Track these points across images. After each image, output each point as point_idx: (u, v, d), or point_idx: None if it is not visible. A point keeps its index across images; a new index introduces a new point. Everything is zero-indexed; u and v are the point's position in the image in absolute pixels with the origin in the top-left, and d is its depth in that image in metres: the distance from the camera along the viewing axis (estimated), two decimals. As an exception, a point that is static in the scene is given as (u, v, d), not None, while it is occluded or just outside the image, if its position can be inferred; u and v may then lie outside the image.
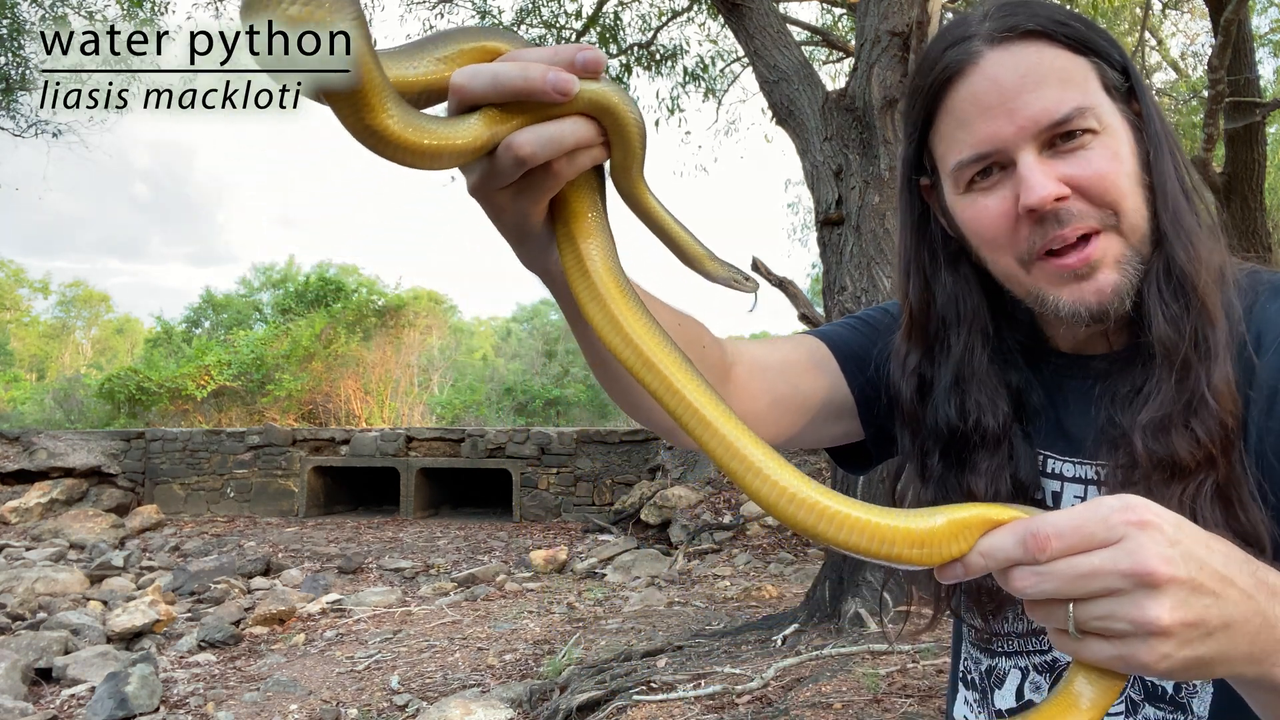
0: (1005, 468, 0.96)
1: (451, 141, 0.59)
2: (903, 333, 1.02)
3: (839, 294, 4.98)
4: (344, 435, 11.78)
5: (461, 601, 7.18)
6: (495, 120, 0.60)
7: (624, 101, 0.63)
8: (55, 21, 9.67)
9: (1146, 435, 0.85)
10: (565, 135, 0.62)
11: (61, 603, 6.97)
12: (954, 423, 0.97)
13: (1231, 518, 0.81)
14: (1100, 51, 0.87)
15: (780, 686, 3.74)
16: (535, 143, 0.61)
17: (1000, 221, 0.87)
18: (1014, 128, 0.84)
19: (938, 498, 0.97)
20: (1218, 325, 0.85)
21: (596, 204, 0.68)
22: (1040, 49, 0.85)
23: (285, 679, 5.27)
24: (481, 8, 10.14)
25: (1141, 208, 0.87)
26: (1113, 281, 0.86)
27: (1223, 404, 0.82)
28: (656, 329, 0.66)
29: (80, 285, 36.98)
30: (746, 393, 1.00)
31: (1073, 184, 0.84)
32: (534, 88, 0.59)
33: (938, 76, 0.89)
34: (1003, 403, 0.96)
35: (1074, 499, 0.96)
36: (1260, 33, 11.71)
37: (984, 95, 0.86)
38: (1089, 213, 0.85)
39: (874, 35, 4.90)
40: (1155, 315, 0.86)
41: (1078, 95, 0.84)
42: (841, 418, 1.08)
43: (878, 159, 4.89)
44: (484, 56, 0.62)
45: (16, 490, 10.79)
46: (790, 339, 1.09)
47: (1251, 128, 7.08)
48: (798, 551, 8.08)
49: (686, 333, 0.92)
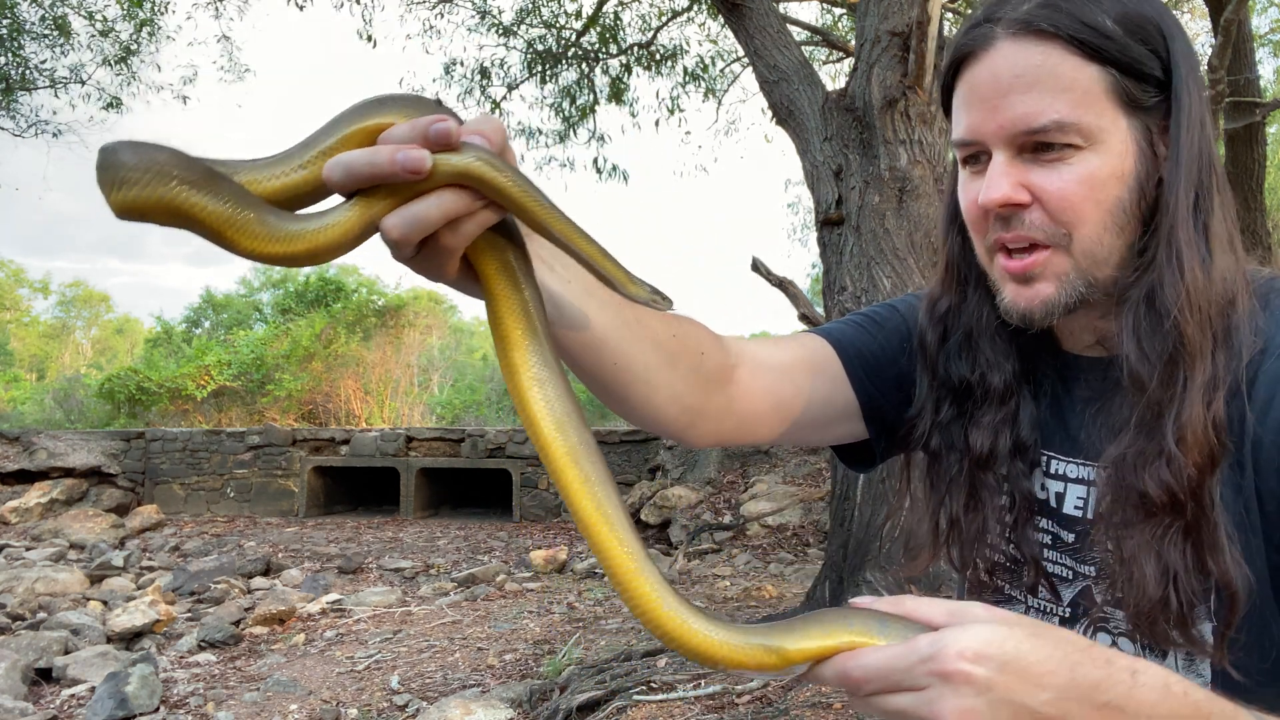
0: (1007, 425, 0.97)
1: (324, 239, 0.60)
2: (938, 282, 1.04)
3: (839, 294, 4.98)
4: (344, 435, 11.78)
5: (461, 601, 7.18)
6: (369, 204, 0.61)
7: (489, 167, 0.61)
8: (55, 21, 9.66)
9: (1115, 471, 0.85)
10: (430, 214, 0.62)
11: (61, 603, 6.97)
12: (963, 374, 0.99)
13: (1201, 560, 0.81)
14: (1124, 62, 0.84)
15: (780, 686, 3.74)
16: (400, 226, 0.61)
17: (974, 208, 0.90)
18: (994, 125, 0.85)
19: (941, 445, 1.01)
20: (1197, 362, 0.82)
21: (507, 263, 0.69)
22: (1049, 51, 0.83)
23: (285, 679, 5.27)
24: (481, 8, 10.14)
25: (1101, 234, 0.85)
26: (1045, 295, 0.87)
27: (1189, 454, 0.80)
28: (551, 403, 0.68)
29: (80, 285, 36.99)
30: (749, 394, 1.00)
31: (1035, 193, 0.85)
32: (383, 173, 0.60)
33: (957, 52, 0.90)
34: (1010, 362, 0.98)
35: (1077, 501, 0.95)
36: (1260, 33, 11.70)
37: (981, 85, 0.86)
38: (1043, 226, 0.85)
39: (874, 35, 4.90)
40: (1128, 345, 0.85)
41: (1065, 107, 0.82)
42: (845, 419, 1.08)
43: (878, 159, 4.89)
44: (368, 137, 0.63)
45: (16, 490, 10.78)
46: (794, 339, 1.09)
47: (1251, 128, 7.08)
48: (798, 552, 8.08)
49: (682, 342, 0.92)
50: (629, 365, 0.87)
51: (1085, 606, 0.95)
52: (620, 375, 0.88)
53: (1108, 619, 0.93)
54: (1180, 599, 0.81)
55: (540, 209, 0.65)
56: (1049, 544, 0.98)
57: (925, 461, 1.05)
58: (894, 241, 4.80)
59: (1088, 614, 0.95)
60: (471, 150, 0.61)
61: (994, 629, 0.63)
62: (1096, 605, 0.94)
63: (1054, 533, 0.98)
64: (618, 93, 10.52)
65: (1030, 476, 0.98)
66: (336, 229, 0.61)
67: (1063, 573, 0.97)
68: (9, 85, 10.21)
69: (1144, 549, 0.82)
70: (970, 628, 0.63)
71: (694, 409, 0.95)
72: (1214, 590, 0.82)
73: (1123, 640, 0.93)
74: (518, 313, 0.69)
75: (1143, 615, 0.83)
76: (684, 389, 0.93)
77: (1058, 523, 0.97)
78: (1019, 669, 0.62)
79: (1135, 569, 0.83)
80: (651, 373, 0.89)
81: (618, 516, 0.68)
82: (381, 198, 0.61)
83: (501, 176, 0.62)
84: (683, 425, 0.95)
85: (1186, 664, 0.88)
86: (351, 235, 0.61)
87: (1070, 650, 0.64)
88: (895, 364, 1.07)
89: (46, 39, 10.10)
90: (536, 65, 10.27)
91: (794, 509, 8.74)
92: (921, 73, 4.76)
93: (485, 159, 0.61)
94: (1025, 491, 0.97)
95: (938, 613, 0.67)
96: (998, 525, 0.97)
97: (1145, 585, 0.82)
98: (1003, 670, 0.61)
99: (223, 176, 0.58)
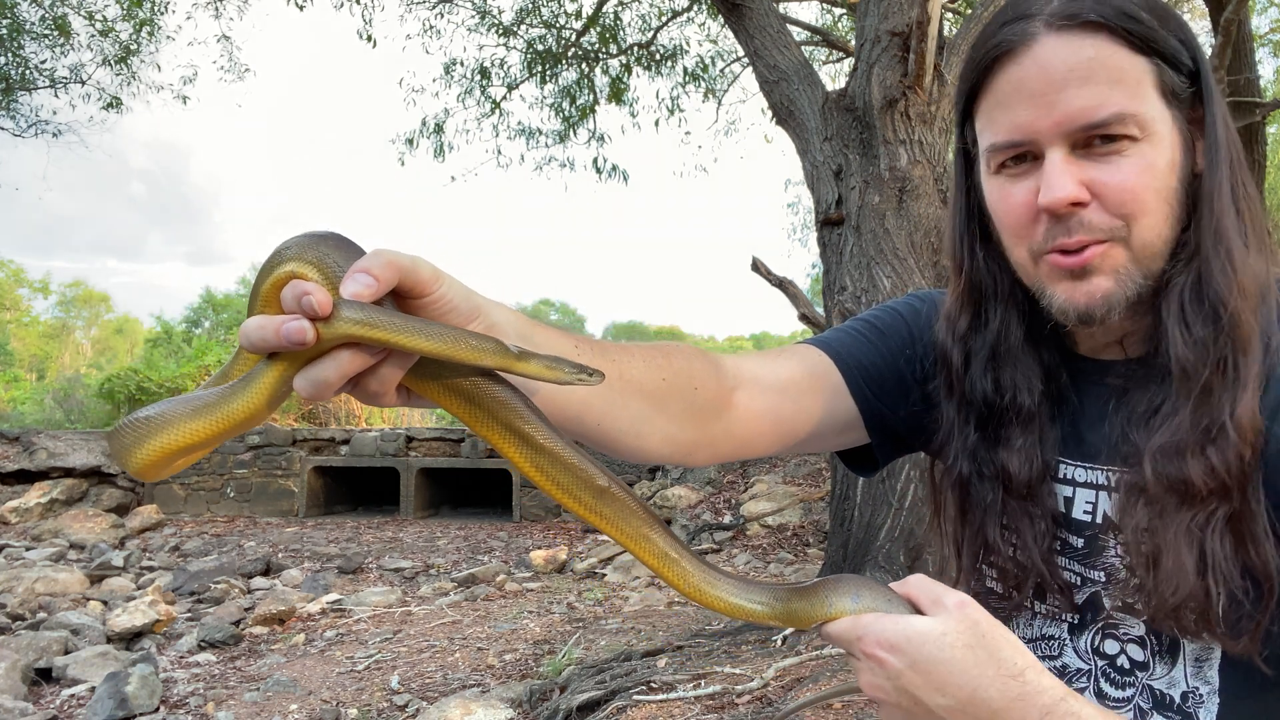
0: (1038, 448, 0.95)
1: (250, 405, 0.66)
2: (954, 299, 1.01)
3: (839, 294, 4.98)
4: (344, 435, 11.77)
5: (461, 601, 7.18)
6: (282, 364, 0.65)
7: (367, 328, 0.63)
8: (55, 21, 9.66)
9: (1158, 459, 0.83)
10: (329, 375, 0.64)
11: (61, 603, 6.97)
12: (990, 396, 0.97)
13: (1242, 551, 0.80)
14: (1165, 53, 0.83)
15: (780, 686, 3.74)
16: (307, 387, 0.64)
17: (1021, 211, 0.87)
18: (1050, 121, 0.83)
19: (971, 471, 1.00)
20: (1249, 352, 0.82)
21: (455, 385, 0.71)
22: (1098, 43, 0.82)
23: (285, 679, 5.27)
24: (481, 8, 10.13)
25: (1160, 225, 0.84)
26: (1105, 288, 0.85)
27: (1243, 436, 0.80)
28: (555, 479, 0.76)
29: (80, 285, 36.99)
30: (748, 415, 0.99)
31: (1095, 189, 0.83)
32: (273, 345, 0.62)
33: (990, 51, 0.87)
34: (1037, 381, 0.96)
35: (1085, 505, 0.95)
36: (1260, 33, 11.70)
37: (1030, 81, 0.84)
38: (1100, 223, 0.84)
39: (874, 35, 4.90)
40: (1175, 335, 0.84)
41: (1123, 99, 0.81)
42: (847, 429, 1.07)
43: (878, 159, 4.89)
44: (280, 285, 0.66)
45: (16, 490, 10.77)
46: (793, 352, 1.07)
47: (1251, 128, 7.09)
48: (798, 552, 8.08)
49: (672, 384, 0.92)
50: (614, 424, 0.88)
51: (1093, 613, 0.94)
52: (606, 433, 0.88)
53: (1117, 625, 0.92)
54: (1218, 588, 0.80)
55: (440, 347, 0.66)
56: (1058, 550, 0.97)
57: (955, 486, 1.02)
58: (894, 241, 4.80)
59: (1096, 620, 0.94)
60: (351, 311, 0.62)
61: (931, 627, 0.73)
62: (1105, 611, 0.93)
63: (1063, 538, 0.96)
64: (618, 93, 10.51)
65: (1053, 493, 0.96)
66: (258, 393, 0.66)
67: (1071, 579, 0.96)
68: (9, 85, 10.22)
69: (1183, 537, 0.81)
70: (911, 621, 0.74)
71: (689, 443, 0.95)
72: (1249, 581, 0.81)
73: (1131, 646, 0.92)
74: (486, 423, 0.73)
75: (1172, 608, 0.82)
76: (676, 429, 0.93)
77: (1067, 528, 0.96)
78: (926, 670, 0.72)
79: (1171, 559, 0.81)
80: (639, 424, 0.90)
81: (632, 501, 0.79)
82: (291, 356, 0.65)
83: (383, 333, 0.63)
84: (680, 457, 0.96)
85: (1195, 669, 0.87)
86: (269, 398, 0.66)
87: (988, 673, 0.71)
88: (896, 370, 1.06)
89: (46, 39, 10.10)
90: (536, 65, 10.26)
91: (794, 509, 8.74)
92: (921, 73, 4.75)
93: (364, 320, 0.62)
94: (1055, 512, 0.96)
95: (925, 598, 0.76)
96: (1037, 550, 0.95)
97: (1183, 574, 0.81)
98: (912, 667, 0.73)
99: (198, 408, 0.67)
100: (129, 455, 0.67)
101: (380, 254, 0.65)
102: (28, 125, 10.72)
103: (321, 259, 0.66)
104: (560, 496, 0.76)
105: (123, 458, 0.67)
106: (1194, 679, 0.87)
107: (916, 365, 1.06)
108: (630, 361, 0.89)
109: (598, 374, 0.74)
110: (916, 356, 1.06)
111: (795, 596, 0.81)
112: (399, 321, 0.64)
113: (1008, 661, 0.72)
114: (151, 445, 0.66)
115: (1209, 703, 0.87)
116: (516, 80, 10.55)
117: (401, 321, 0.64)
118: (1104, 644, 0.93)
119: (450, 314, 0.71)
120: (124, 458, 0.67)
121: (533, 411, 0.73)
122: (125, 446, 0.66)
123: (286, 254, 0.67)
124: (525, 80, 10.51)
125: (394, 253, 0.66)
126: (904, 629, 0.74)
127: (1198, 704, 0.87)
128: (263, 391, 0.65)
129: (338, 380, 0.64)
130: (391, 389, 0.69)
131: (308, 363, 0.64)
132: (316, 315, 0.61)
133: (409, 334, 0.64)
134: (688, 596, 0.81)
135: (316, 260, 0.66)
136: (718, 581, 0.81)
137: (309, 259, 0.66)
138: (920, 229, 4.80)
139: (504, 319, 0.77)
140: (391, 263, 0.65)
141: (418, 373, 0.70)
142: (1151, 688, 0.90)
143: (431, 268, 0.69)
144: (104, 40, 10.13)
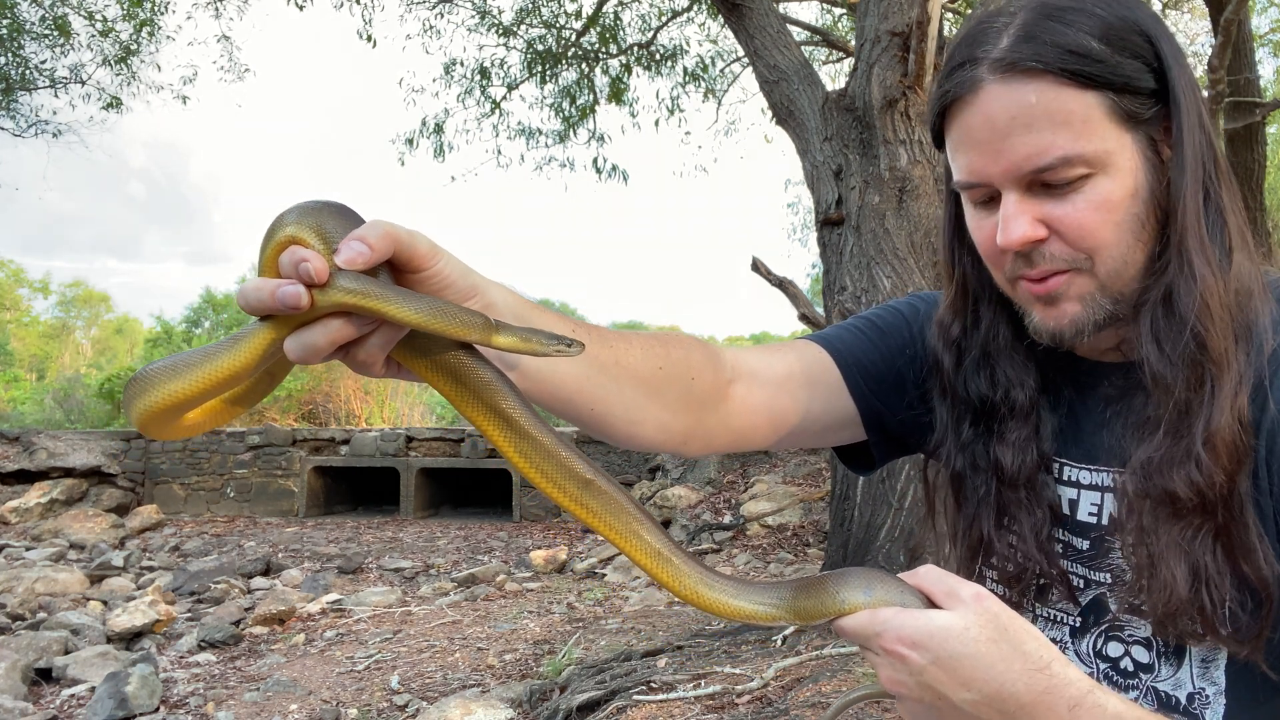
0: (1032, 440, 0.96)
1: (237, 362, 0.67)
2: (947, 302, 1.03)
3: (839, 294, 4.98)
4: (344, 435, 11.78)
5: (461, 601, 7.18)
6: (275, 326, 0.67)
7: (360, 298, 0.64)
8: (55, 21, 9.66)
9: (1138, 475, 0.85)
10: (319, 340, 0.65)
11: (61, 603, 6.97)
12: (984, 393, 0.98)
13: (1234, 563, 0.81)
14: (1118, 81, 0.82)
15: (780, 686, 3.74)
16: (296, 350, 0.65)
17: (991, 244, 0.89)
18: (999, 168, 0.84)
19: (965, 465, 1.00)
20: (1224, 366, 0.82)
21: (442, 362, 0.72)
22: (1041, 88, 0.81)
23: (285, 679, 5.27)
24: (481, 8, 10.14)
25: (1125, 252, 0.85)
26: (1072, 313, 0.87)
27: (1218, 456, 0.80)
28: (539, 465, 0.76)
29: (80, 285, 37.00)
30: (744, 409, 1.00)
31: (1052, 225, 0.84)
32: (268, 307, 0.63)
33: (943, 96, 0.88)
34: (1030, 377, 0.97)
35: (1090, 507, 0.95)
36: (1260, 33, 11.71)
37: (976, 130, 0.85)
38: (1062, 255, 0.85)
39: (874, 35, 4.90)
40: (1149, 352, 0.85)
41: (1068, 141, 0.81)
42: (844, 426, 1.07)
43: (878, 159, 4.89)
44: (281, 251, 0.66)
45: (16, 490, 10.77)
46: (792, 347, 1.07)
47: (1251, 128, 7.09)
48: (798, 552, 8.08)
49: (669, 372, 0.92)
50: (608, 409, 0.88)
51: (1098, 615, 0.94)
52: (600, 418, 0.89)
53: (1122, 627, 0.92)
54: (1212, 600, 0.81)
55: (423, 319, 0.66)
56: (1062, 552, 0.97)
57: (950, 482, 1.03)
58: (894, 241, 4.80)
59: (1101, 622, 0.94)
60: (347, 280, 0.63)
61: (953, 622, 0.71)
62: (1111, 613, 0.93)
63: (1067, 540, 0.96)
64: (617, 93, 10.51)
65: (1051, 485, 0.97)
66: (248, 350, 0.67)
67: (1076, 581, 0.96)
68: (9, 85, 10.22)
69: (1173, 550, 0.82)
70: (933, 616, 0.72)
71: (684, 432, 0.95)
72: (1247, 588, 0.81)
73: (1137, 648, 0.91)
74: (471, 403, 0.73)
75: (1169, 616, 0.83)
76: (671, 417, 0.93)
77: (1071, 530, 0.96)
78: (950, 666, 0.71)
79: (1164, 569, 0.82)
80: (634, 410, 0.90)
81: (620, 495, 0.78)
82: (283, 320, 0.66)
83: (375, 303, 0.64)
84: (674, 446, 0.96)
85: (1202, 670, 0.87)
86: (258, 356, 0.67)
87: (1014, 667, 0.70)
88: (895, 369, 1.06)
89: (46, 39, 10.10)
90: (536, 65, 10.26)
91: (794, 509, 8.74)
92: (921, 73, 4.75)
93: (358, 290, 0.64)
94: (1052, 503, 0.96)
95: (940, 590, 0.74)
96: (1034, 540, 0.96)
97: (1175, 586, 0.81)
98: (935, 663, 0.71)
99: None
100: (130, 409, 0.68)
101: (378, 224, 0.66)
102: (28, 125, 10.73)
103: (321, 225, 0.67)
104: (545, 485, 0.76)
105: (127, 412, 0.69)
106: (1200, 679, 0.87)
107: (916, 365, 1.06)
108: (628, 348, 0.89)
109: (577, 344, 0.73)
110: (916, 356, 1.06)
111: (801, 594, 0.79)
112: (389, 293, 0.65)
113: (1033, 655, 0.72)
114: (146, 399, 0.67)
115: (1215, 704, 0.87)
116: (516, 80, 10.55)
117: (393, 293, 0.65)
118: (1107, 647, 0.93)
119: (447, 290, 0.71)
120: (127, 412, 0.69)
121: (515, 394, 0.73)
122: (128, 400, 0.68)
123: (287, 220, 0.68)
124: (525, 80, 10.51)
125: (392, 224, 0.67)
126: (925, 624, 0.72)
127: (1204, 705, 0.87)
128: (253, 350, 0.66)
129: (327, 346, 0.65)
130: (379, 360, 0.69)
131: (300, 327, 0.65)
132: (312, 282, 0.62)
133: (396, 304, 0.65)
134: (683, 599, 0.79)
135: (316, 227, 0.66)
136: (715, 583, 0.79)
137: (309, 225, 0.67)
138: (920, 229, 4.80)
139: (501, 299, 0.77)
140: (388, 234, 0.66)
141: (407, 346, 0.71)
142: (1156, 690, 0.90)
143: (429, 243, 0.70)
144: (104, 40, 10.13)
